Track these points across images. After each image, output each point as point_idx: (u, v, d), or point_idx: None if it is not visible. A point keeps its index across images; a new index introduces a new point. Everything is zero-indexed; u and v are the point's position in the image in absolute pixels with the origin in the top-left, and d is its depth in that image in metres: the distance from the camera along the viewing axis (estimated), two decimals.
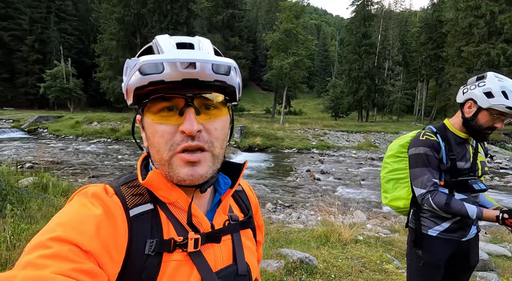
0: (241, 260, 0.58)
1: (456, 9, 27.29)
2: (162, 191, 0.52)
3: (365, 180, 11.13)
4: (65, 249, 0.39)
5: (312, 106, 58.59)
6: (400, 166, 1.53)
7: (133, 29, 29.46)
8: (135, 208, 0.50)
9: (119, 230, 0.46)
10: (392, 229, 4.97)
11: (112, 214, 0.47)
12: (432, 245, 1.41)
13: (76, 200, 0.48)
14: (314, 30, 73.04)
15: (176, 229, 0.51)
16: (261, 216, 0.75)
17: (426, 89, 38.92)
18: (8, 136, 19.68)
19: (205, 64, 0.46)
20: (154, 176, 0.51)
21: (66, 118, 23.66)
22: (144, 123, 0.52)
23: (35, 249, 0.39)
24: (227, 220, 0.58)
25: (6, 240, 2.77)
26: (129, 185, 0.54)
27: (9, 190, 3.64)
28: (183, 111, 0.48)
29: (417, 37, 40.23)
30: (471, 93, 1.33)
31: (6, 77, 35.77)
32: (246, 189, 0.72)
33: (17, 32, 35.62)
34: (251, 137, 19.02)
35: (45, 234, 0.41)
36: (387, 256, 3.28)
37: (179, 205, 0.53)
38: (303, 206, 7.60)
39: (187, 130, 0.47)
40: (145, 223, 0.49)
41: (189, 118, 0.47)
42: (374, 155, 16.99)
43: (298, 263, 2.87)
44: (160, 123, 0.49)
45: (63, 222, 0.43)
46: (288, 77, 27.63)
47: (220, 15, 30.82)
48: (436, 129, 1.45)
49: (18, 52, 35.86)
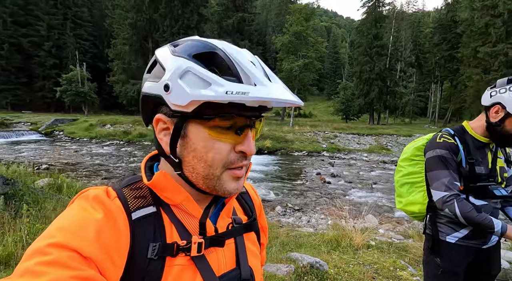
0: (245, 264, 0.57)
1: (472, 9, 26.61)
2: (167, 192, 0.51)
3: (377, 183, 10.90)
4: (64, 255, 0.38)
5: (322, 108, 58.12)
6: (415, 170, 1.47)
7: (145, 33, 30.13)
8: (137, 211, 0.49)
9: (121, 234, 0.46)
10: (405, 234, 4.83)
11: (114, 217, 0.46)
12: (450, 252, 1.35)
13: (77, 204, 0.47)
14: (324, 32, 72.73)
15: (179, 233, 0.51)
16: (265, 218, 0.73)
17: (440, 91, 37.98)
18: (26, 138, 20.41)
19: (291, 103, 0.45)
20: (161, 177, 0.50)
21: (81, 121, 24.34)
22: (191, 133, 0.48)
23: (34, 256, 0.39)
24: (230, 223, 0.57)
25: (22, 239, 2.85)
26: (131, 187, 0.52)
27: (25, 191, 3.75)
28: (242, 131, 0.48)
29: (431, 38, 39.40)
30: (500, 97, 1.24)
31: (25, 81, 37.25)
32: (250, 190, 0.70)
33: (35, 38, 37.13)
34: (260, 140, 19.00)
35: (44, 240, 0.40)
36: (401, 262, 3.19)
37: (183, 208, 0.52)
38: (313, 209, 7.51)
39: (249, 151, 0.49)
40: (148, 226, 0.49)
41: (249, 139, 0.49)
42: (386, 158, 16.65)
43: (308, 268, 2.82)
44: (218, 140, 0.48)
45: (63, 227, 0.42)
46: (298, 79, 27.56)
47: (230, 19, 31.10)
48: (454, 132, 1.39)
49: (36, 57, 37.30)
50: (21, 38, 36.32)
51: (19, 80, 36.74)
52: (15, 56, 36.10)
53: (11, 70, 35.84)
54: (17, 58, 36.30)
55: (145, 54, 29.90)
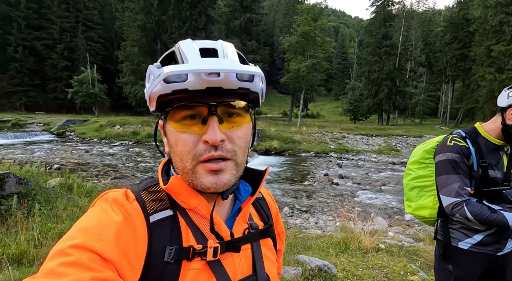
0: (261, 271, 0.56)
1: (485, 7, 25.97)
2: (183, 197, 0.52)
3: (386, 185, 10.73)
4: (85, 257, 0.40)
5: (330, 109, 57.65)
6: (425, 173, 1.43)
7: (154, 35, 30.52)
8: (155, 214, 0.50)
9: (139, 237, 0.46)
10: (416, 237, 4.73)
11: (132, 220, 0.47)
12: (463, 259, 1.31)
13: (98, 206, 0.48)
14: (332, 32, 72.13)
15: (196, 237, 0.51)
16: (282, 224, 0.72)
17: (451, 91, 37.14)
18: (39, 138, 20.93)
19: (229, 73, 0.45)
20: (176, 181, 0.51)
21: (91, 122, 24.79)
22: (167, 130, 0.52)
23: (57, 256, 0.40)
24: (246, 229, 0.56)
25: (34, 238, 2.90)
26: (150, 191, 0.53)
27: (38, 190, 3.83)
28: (206, 120, 0.47)
29: (442, 36, 38.58)
30: None
31: (38, 83, 38.22)
32: (267, 196, 0.70)
33: (48, 41, 38.08)
34: (267, 140, 18.98)
35: (67, 241, 0.42)
36: (412, 267, 3.11)
37: (199, 212, 0.52)
38: (321, 211, 7.44)
39: (211, 140, 0.47)
40: (165, 229, 0.49)
41: (213, 127, 0.47)
42: (395, 160, 16.38)
43: (316, 271, 2.78)
44: (182, 132, 0.49)
45: (84, 228, 0.44)
46: (305, 80, 27.41)
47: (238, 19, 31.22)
48: (465, 134, 1.34)
49: (49, 59, 38.23)
50: (35, 41, 37.34)
51: (33, 82, 37.72)
52: (29, 59, 37.11)
53: (25, 72, 36.83)
54: (30, 60, 37.30)
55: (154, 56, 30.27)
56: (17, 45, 36.23)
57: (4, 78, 35.55)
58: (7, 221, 3.18)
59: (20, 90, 36.38)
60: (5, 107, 35.13)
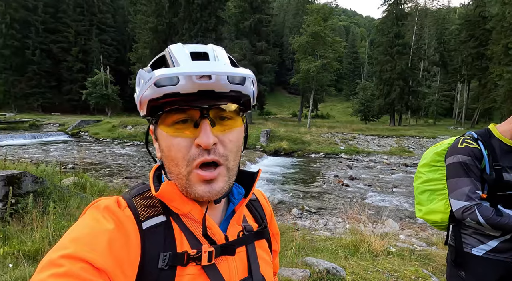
0: (257, 273, 0.56)
1: (503, 3, 25.10)
2: (175, 202, 0.51)
3: (398, 187, 10.51)
4: (77, 267, 0.39)
5: (340, 109, 57.03)
6: (436, 176, 1.39)
7: (165, 37, 30.98)
8: (147, 220, 0.49)
9: (132, 244, 0.46)
10: (429, 241, 4.61)
11: (125, 227, 0.46)
12: (477, 266, 1.26)
13: (89, 214, 0.48)
14: (343, 32, 71.37)
15: (190, 242, 0.50)
16: (276, 225, 0.71)
17: (467, 91, 36.04)
18: (55, 138, 21.61)
19: (220, 75, 0.45)
20: (167, 187, 0.50)
21: (104, 122, 25.40)
22: (158, 135, 0.51)
23: (48, 268, 0.39)
24: (241, 231, 0.56)
25: (49, 235, 3.00)
26: (141, 197, 0.53)
27: (52, 189, 3.95)
28: (198, 123, 0.47)
29: (457, 35, 37.52)
30: None
31: (54, 85, 39.59)
32: (260, 197, 0.69)
33: (64, 44, 39.43)
34: (277, 141, 18.92)
35: (57, 251, 0.41)
36: (424, 271, 3.04)
37: (192, 217, 0.51)
38: (330, 212, 7.36)
39: (203, 143, 0.46)
40: (158, 235, 0.49)
41: (205, 130, 0.46)
42: (408, 161, 16.02)
43: (324, 274, 2.75)
44: (175, 136, 0.48)
45: (75, 238, 0.43)
46: (315, 80, 27.19)
47: (248, 20, 31.28)
48: (477, 136, 1.29)
49: (64, 62, 39.55)
50: (51, 44, 38.71)
51: (49, 84, 39.09)
52: (45, 61, 38.47)
53: (42, 74, 38.21)
54: (47, 63, 38.66)
55: None
56: (35, 49, 37.61)
57: (22, 80, 36.95)
58: (23, 218, 3.30)
59: (37, 92, 37.76)
60: (23, 108, 36.55)
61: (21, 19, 36.44)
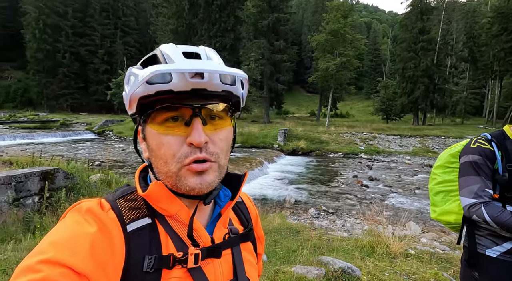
0: (242, 275, 0.56)
1: None
2: (162, 203, 0.50)
3: (420, 188, 10.14)
4: (56, 272, 0.37)
5: (360, 108, 55.53)
6: (450, 178, 1.39)
7: (185, 38, 31.71)
8: (132, 222, 0.48)
9: (116, 247, 0.44)
10: (452, 245, 4.45)
11: (108, 230, 0.45)
12: (491, 267, 1.25)
13: (70, 217, 0.46)
14: (364, 28, 69.38)
15: (175, 244, 0.49)
16: (261, 228, 0.72)
17: (499, 88, 33.83)
18: (82, 137, 22.91)
19: (213, 74, 0.45)
20: (156, 187, 0.49)
21: (127, 121, 26.48)
22: (147, 134, 0.50)
23: (24, 273, 0.37)
24: (227, 234, 0.56)
25: None
26: (126, 199, 0.52)
27: (82, 184, 4.24)
28: (190, 122, 0.47)
29: (488, 28, 35.23)
30: None
31: (82, 86, 41.88)
32: (246, 200, 0.69)
33: (91, 47, 41.63)
34: (294, 140, 18.83)
35: (35, 257, 0.39)
36: (443, 275, 2.96)
37: (179, 218, 0.51)
38: (348, 213, 7.27)
39: (195, 141, 0.46)
40: (143, 238, 0.48)
41: (197, 129, 0.46)
42: (432, 162, 15.36)
43: (339, 273, 2.77)
44: (166, 134, 0.47)
45: (55, 241, 0.41)
46: (334, 78, 26.69)
47: (266, 20, 31.26)
48: (491, 137, 1.29)
49: (91, 64, 41.76)
50: (79, 47, 40.96)
51: (77, 85, 41.44)
52: (74, 64, 40.82)
53: (71, 76, 40.58)
54: (76, 65, 41.00)
55: None
56: (65, 52, 39.98)
57: (53, 82, 39.45)
58: (57, 211, 3.58)
59: (67, 93, 40.16)
60: (54, 108, 38.96)
61: (53, 24, 38.83)
